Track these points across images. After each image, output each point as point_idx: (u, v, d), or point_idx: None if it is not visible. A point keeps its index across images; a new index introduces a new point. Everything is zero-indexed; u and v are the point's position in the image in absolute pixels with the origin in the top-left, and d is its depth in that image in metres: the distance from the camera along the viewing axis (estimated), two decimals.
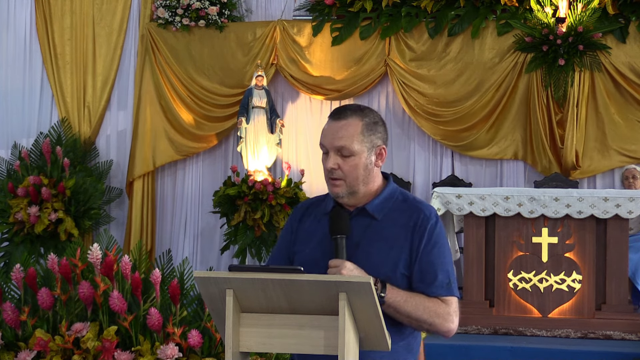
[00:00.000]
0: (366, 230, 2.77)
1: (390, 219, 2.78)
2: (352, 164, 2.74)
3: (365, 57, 9.43)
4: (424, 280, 2.74)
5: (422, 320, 2.73)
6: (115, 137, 10.17)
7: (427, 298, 2.74)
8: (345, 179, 2.75)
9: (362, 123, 2.75)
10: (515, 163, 9.23)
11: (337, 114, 2.79)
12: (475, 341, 6.40)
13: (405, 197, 2.85)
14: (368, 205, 2.79)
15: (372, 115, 2.80)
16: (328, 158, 2.77)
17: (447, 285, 2.76)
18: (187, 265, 4.63)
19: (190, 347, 4.17)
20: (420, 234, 2.75)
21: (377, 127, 2.78)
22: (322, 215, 2.85)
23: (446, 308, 2.75)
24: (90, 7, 10.07)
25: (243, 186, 9.02)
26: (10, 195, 9.00)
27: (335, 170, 2.75)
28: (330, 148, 2.75)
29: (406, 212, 2.79)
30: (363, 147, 2.74)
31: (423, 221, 2.77)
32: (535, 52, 8.90)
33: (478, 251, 6.87)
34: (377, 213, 2.78)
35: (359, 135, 2.74)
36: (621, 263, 6.75)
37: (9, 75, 10.23)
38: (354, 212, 2.79)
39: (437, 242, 2.76)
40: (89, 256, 4.30)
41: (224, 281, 2.52)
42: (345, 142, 2.73)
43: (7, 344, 4.30)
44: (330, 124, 2.78)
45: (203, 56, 9.78)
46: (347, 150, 2.73)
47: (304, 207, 2.95)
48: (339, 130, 2.74)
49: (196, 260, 9.83)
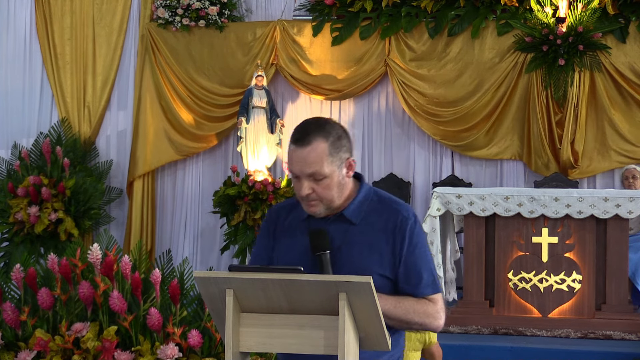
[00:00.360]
0: (346, 235, 2.76)
1: (369, 222, 2.77)
2: (325, 186, 2.71)
3: (365, 57, 9.44)
4: (410, 282, 2.75)
5: (413, 323, 2.74)
6: (115, 137, 10.17)
7: (415, 300, 2.74)
8: (321, 200, 2.73)
9: (327, 144, 2.69)
10: (515, 163, 9.23)
11: (300, 139, 2.69)
12: (475, 341, 6.39)
13: (380, 198, 2.83)
14: (345, 211, 2.77)
15: (335, 131, 2.73)
16: (300, 184, 2.71)
17: (433, 283, 2.77)
18: (187, 265, 4.63)
19: (190, 347, 4.17)
20: (401, 236, 2.75)
21: (341, 141, 2.73)
22: (298, 222, 2.82)
23: (434, 307, 2.76)
24: (90, 7, 10.07)
25: (243, 186, 9.02)
26: (10, 195, 9.01)
27: (310, 194, 2.72)
28: (301, 175, 2.70)
29: (384, 214, 2.78)
30: (333, 166, 2.70)
31: (402, 223, 2.76)
32: (535, 52, 8.91)
33: (478, 251, 6.87)
34: (354, 218, 2.77)
35: (327, 157, 2.68)
36: (621, 263, 6.75)
37: (9, 75, 10.23)
38: (332, 218, 2.78)
39: (418, 242, 2.77)
40: (89, 256, 4.30)
41: (224, 281, 2.52)
42: (315, 168, 2.68)
43: (7, 344, 4.31)
44: (296, 151, 2.69)
45: (203, 56, 9.78)
46: (319, 175, 2.69)
47: (278, 210, 2.91)
48: (306, 157, 2.67)
49: (196, 260, 9.83)
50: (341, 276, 2.55)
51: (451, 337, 6.46)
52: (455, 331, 6.62)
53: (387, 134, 9.59)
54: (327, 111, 9.70)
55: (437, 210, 6.88)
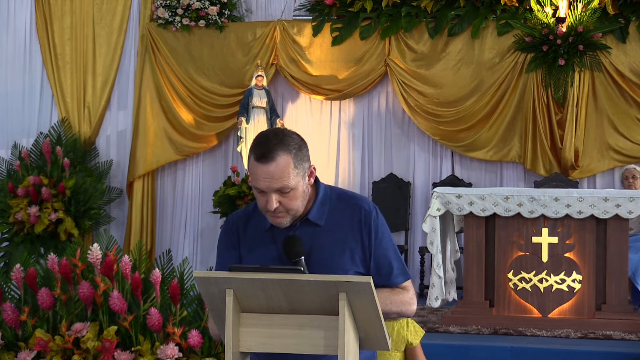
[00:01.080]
0: (313, 239, 2.77)
1: (333, 221, 2.80)
2: (292, 197, 2.71)
3: (365, 57, 9.44)
4: (382, 274, 2.80)
5: (391, 313, 2.78)
6: (115, 137, 10.17)
7: (390, 291, 2.79)
8: (287, 211, 2.74)
9: (291, 157, 2.68)
10: (515, 163, 9.23)
11: (263, 156, 2.67)
12: (475, 341, 6.39)
13: (339, 195, 2.86)
14: (310, 215, 2.79)
15: (294, 142, 2.71)
16: (266, 198, 2.70)
17: (403, 271, 2.84)
18: (187, 265, 4.63)
19: (190, 347, 4.18)
20: (367, 230, 2.79)
21: (302, 151, 2.73)
22: (261, 232, 2.82)
23: (408, 294, 2.83)
24: (90, 7, 10.07)
25: (243, 186, 9.03)
26: (10, 195, 9.01)
27: (277, 207, 2.72)
28: (267, 191, 2.70)
29: (346, 211, 2.81)
30: (298, 178, 2.71)
31: (366, 217, 2.80)
32: (535, 52, 8.91)
33: (478, 251, 6.87)
34: (319, 220, 2.79)
35: (293, 170, 2.68)
36: (621, 263, 6.74)
37: (9, 75, 10.23)
38: (297, 224, 2.79)
39: (383, 232, 2.82)
40: (89, 256, 4.30)
41: (224, 281, 2.52)
42: (283, 183, 2.67)
43: (7, 344, 4.31)
44: (260, 167, 2.67)
45: (203, 56, 9.78)
46: (286, 188, 2.69)
47: (236, 220, 2.90)
48: (272, 173, 2.66)
49: (196, 260, 9.83)
50: (341, 276, 2.55)
51: (451, 337, 6.47)
52: (455, 331, 6.62)
53: (387, 134, 9.59)
54: (327, 111, 9.70)
55: (437, 210, 6.88)
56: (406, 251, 9.08)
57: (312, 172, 2.79)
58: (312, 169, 2.78)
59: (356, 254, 2.79)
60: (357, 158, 9.63)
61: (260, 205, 2.75)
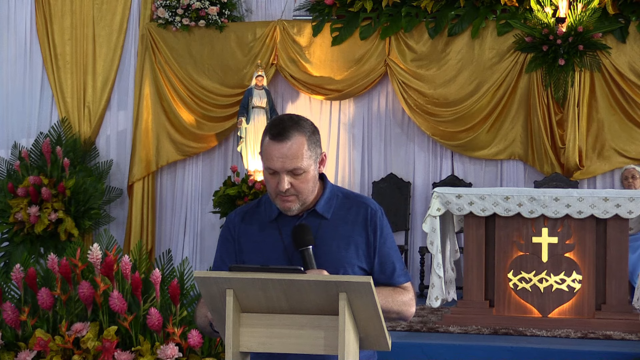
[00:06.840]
0: (319, 231, 2.80)
1: (339, 216, 2.83)
2: (303, 180, 2.74)
3: (365, 57, 9.44)
4: (385, 272, 2.84)
5: (392, 312, 2.80)
6: (115, 137, 10.17)
7: (392, 290, 2.82)
8: (298, 195, 2.76)
9: (305, 138, 2.74)
10: (515, 163, 9.23)
11: (279, 134, 2.71)
12: (475, 341, 6.39)
13: (345, 194, 2.90)
14: (317, 207, 2.82)
15: (309, 125, 2.78)
16: (279, 179, 2.73)
17: (405, 272, 2.88)
18: (187, 265, 4.64)
19: (190, 347, 4.18)
20: (373, 228, 2.83)
21: (316, 135, 2.79)
22: (267, 223, 2.84)
23: (408, 294, 2.86)
24: (90, 7, 10.07)
25: (243, 186, 9.03)
26: (10, 195, 9.01)
27: (288, 189, 2.74)
28: (281, 171, 2.72)
29: (352, 208, 2.85)
30: (311, 161, 2.75)
31: (372, 215, 2.84)
32: (535, 52, 8.91)
33: (478, 251, 6.87)
34: (326, 213, 2.83)
35: (306, 152, 2.73)
36: (621, 263, 6.74)
37: (9, 75, 10.23)
38: (304, 215, 2.82)
39: (388, 233, 2.87)
40: (89, 256, 4.30)
41: (224, 281, 2.52)
42: (297, 164, 2.71)
43: (7, 344, 4.31)
44: (275, 146, 2.71)
45: (203, 56, 9.78)
46: (299, 169, 2.73)
47: (239, 215, 2.92)
48: (287, 153, 2.70)
49: (196, 260, 9.83)
50: (341, 276, 2.55)
51: (451, 337, 6.46)
52: (455, 331, 6.62)
53: (387, 134, 9.59)
54: (327, 111, 9.70)
55: (437, 210, 6.88)
56: (406, 251, 9.08)
57: (323, 160, 2.83)
58: (323, 156, 2.83)
59: (360, 249, 2.82)
60: (357, 158, 9.63)
61: (270, 189, 2.78)
